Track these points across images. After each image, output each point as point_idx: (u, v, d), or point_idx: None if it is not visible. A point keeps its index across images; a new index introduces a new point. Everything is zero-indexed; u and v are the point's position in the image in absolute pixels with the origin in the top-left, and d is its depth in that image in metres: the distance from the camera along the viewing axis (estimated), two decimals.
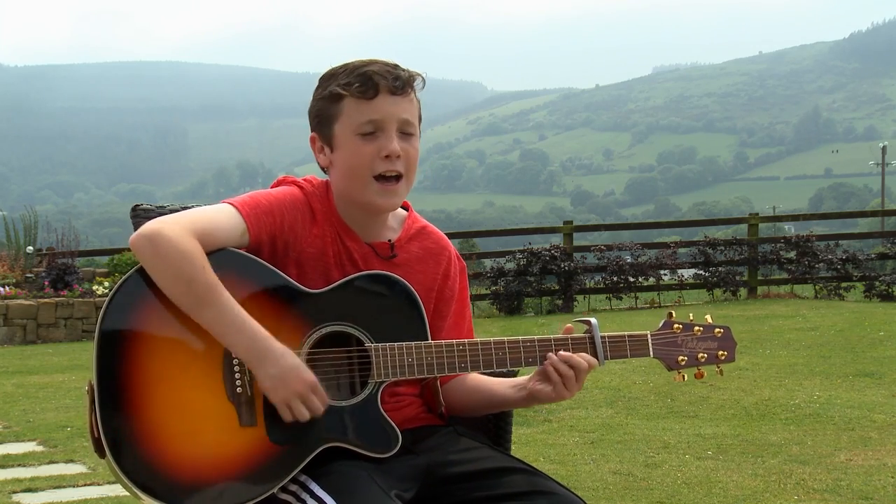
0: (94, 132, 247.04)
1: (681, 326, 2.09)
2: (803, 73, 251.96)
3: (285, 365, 1.80)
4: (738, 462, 4.67)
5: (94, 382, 1.77)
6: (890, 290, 13.53)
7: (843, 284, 13.89)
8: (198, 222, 1.84)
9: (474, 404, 2.09)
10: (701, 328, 2.10)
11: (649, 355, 2.06)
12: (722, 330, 2.11)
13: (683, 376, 2.09)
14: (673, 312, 2.11)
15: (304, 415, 1.81)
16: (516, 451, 2.19)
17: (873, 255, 14.84)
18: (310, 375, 1.83)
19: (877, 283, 13.72)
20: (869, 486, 4.19)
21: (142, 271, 1.83)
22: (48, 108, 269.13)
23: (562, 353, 1.98)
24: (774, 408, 5.89)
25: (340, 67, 1.97)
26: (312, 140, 2.02)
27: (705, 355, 2.09)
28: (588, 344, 2.01)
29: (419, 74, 2.00)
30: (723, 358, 2.11)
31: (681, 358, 2.08)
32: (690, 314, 2.13)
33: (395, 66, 1.96)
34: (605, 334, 2.03)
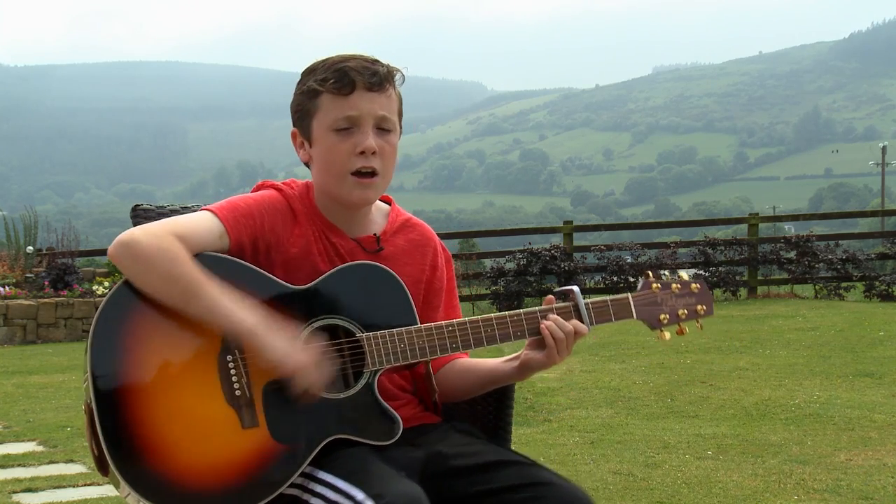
0: (94, 132, 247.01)
1: (659, 285, 2.12)
2: (803, 73, 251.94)
3: (287, 338, 1.82)
4: (738, 462, 4.67)
5: (91, 400, 1.75)
6: (890, 290, 13.53)
7: (843, 284, 13.88)
8: (174, 226, 1.85)
9: (469, 385, 2.10)
10: (679, 285, 2.13)
11: (633, 317, 2.08)
12: (699, 285, 2.15)
13: (666, 335, 2.11)
14: (650, 273, 2.13)
15: (316, 384, 1.83)
16: (516, 451, 2.19)
17: (873, 255, 14.81)
18: (311, 347, 1.85)
19: (877, 283, 13.71)
20: (869, 486, 4.18)
21: (128, 283, 1.82)
22: (48, 107, 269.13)
23: (552, 316, 2.01)
24: (774, 408, 5.89)
25: (320, 62, 1.97)
26: (293, 135, 2.03)
27: (685, 311, 2.12)
28: (573, 311, 2.04)
29: (398, 70, 1.99)
30: (702, 312, 2.14)
31: (662, 316, 2.10)
32: (665, 272, 2.16)
33: (374, 62, 1.95)
34: (589, 300, 2.06)
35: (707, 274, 14.07)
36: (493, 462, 1.92)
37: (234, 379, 1.81)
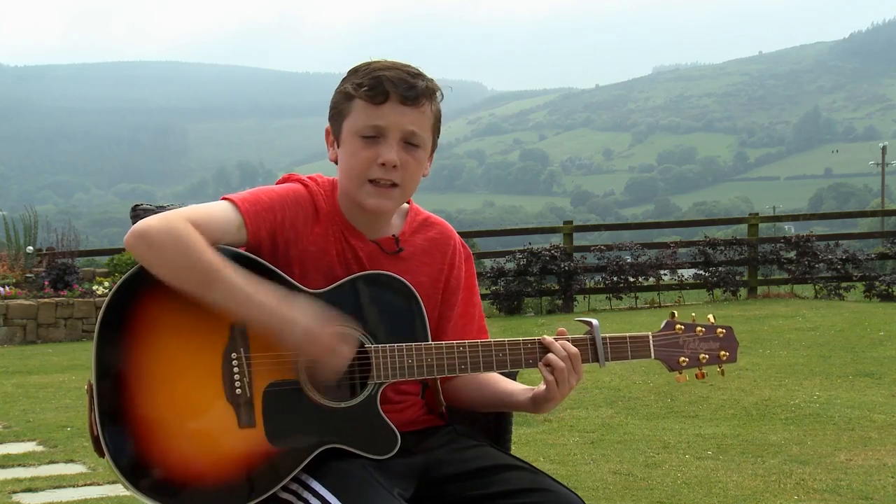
0: (94, 132, 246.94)
1: (683, 327, 2.07)
2: (803, 73, 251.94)
3: (306, 324, 1.79)
4: (738, 462, 4.67)
5: (94, 382, 1.77)
6: (890, 290, 13.53)
7: (843, 284, 13.88)
8: (190, 213, 1.83)
9: (481, 399, 2.08)
10: (703, 328, 2.08)
11: (650, 357, 2.04)
12: (724, 330, 2.09)
13: (685, 377, 2.07)
14: (675, 313, 2.08)
15: (341, 366, 1.82)
16: (516, 451, 2.19)
17: (873, 255, 14.83)
18: (332, 325, 1.82)
19: (877, 283, 13.71)
20: (869, 486, 4.18)
21: (142, 270, 1.81)
22: (48, 107, 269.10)
23: (554, 343, 1.96)
24: (774, 408, 5.89)
25: (364, 65, 1.95)
26: (326, 133, 2.01)
27: (707, 356, 2.07)
28: (589, 345, 2.00)
29: (439, 88, 1.97)
30: (724, 358, 2.08)
31: (682, 359, 2.05)
32: (693, 314, 2.11)
33: (416, 75, 1.92)
34: (607, 335, 2.01)
35: (707, 274, 14.09)
36: (491, 466, 1.90)
37: (236, 377, 1.81)
